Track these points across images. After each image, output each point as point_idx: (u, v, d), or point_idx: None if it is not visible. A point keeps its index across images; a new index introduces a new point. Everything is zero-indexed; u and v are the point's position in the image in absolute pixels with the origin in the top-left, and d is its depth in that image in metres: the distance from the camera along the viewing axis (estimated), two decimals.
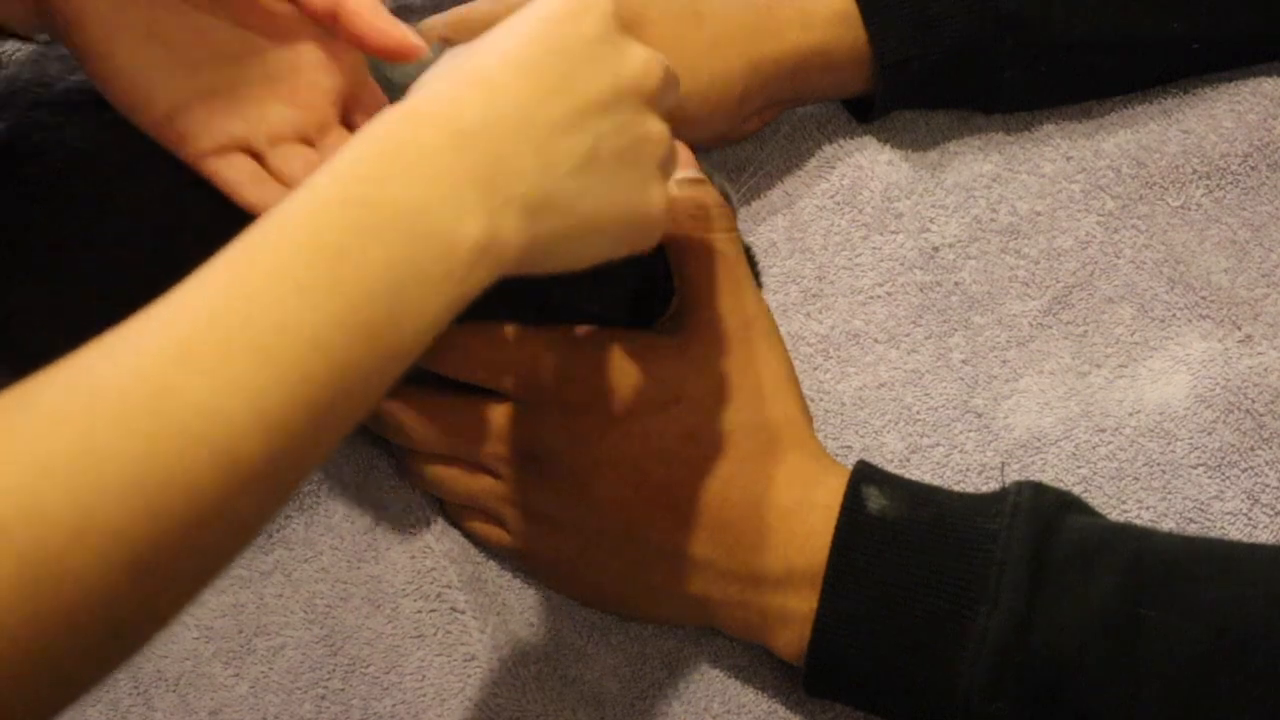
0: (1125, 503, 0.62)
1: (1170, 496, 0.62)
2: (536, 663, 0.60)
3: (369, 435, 0.63)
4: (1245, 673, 0.51)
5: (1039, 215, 0.69)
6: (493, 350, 0.60)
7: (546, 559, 0.60)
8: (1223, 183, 0.69)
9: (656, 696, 0.60)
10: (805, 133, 0.71)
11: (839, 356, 0.66)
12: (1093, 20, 0.68)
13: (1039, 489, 0.56)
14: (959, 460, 0.64)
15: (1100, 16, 0.68)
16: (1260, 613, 0.52)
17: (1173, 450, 0.63)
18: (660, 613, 0.60)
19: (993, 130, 0.71)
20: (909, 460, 0.64)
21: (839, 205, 0.69)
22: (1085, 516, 0.56)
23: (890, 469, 0.59)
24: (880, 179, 0.69)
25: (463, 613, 0.61)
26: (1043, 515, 0.55)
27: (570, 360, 0.59)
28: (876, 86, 0.69)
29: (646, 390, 0.59)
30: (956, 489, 0.59)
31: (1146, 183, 0.69)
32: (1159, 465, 0.63)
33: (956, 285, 0.67)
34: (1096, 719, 0.52)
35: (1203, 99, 0.71)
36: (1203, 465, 0.63)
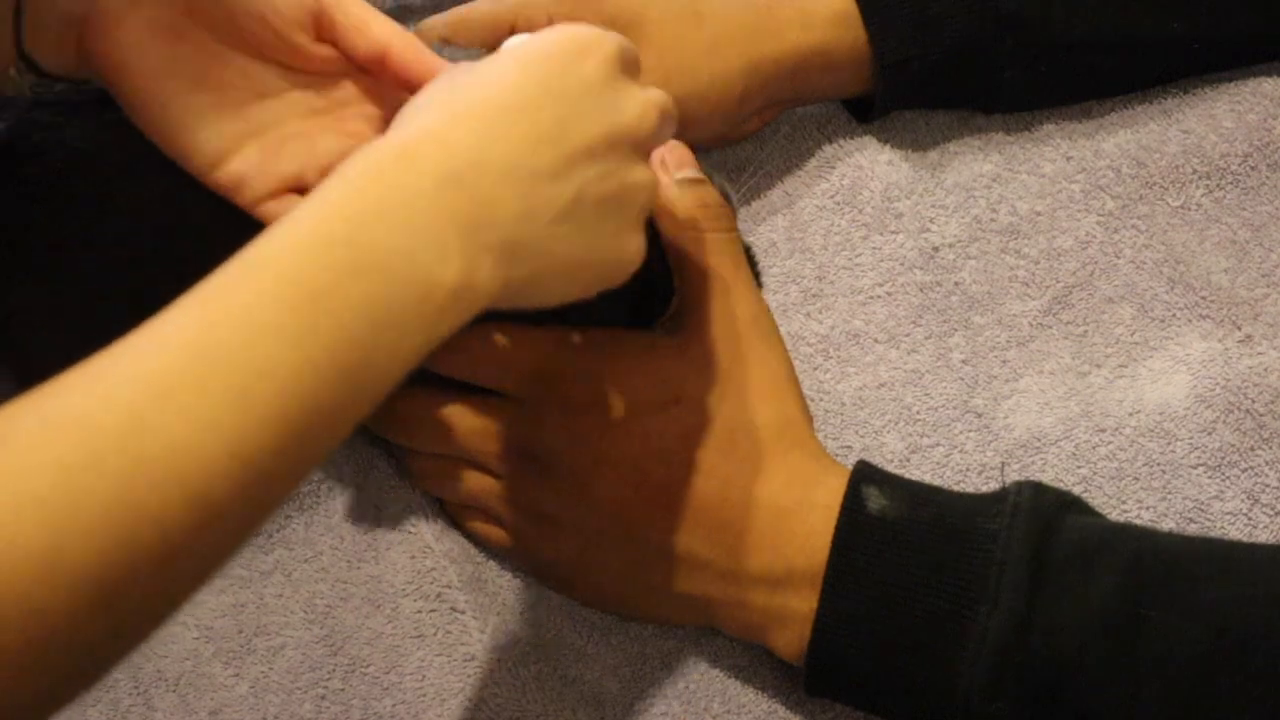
0: (1125, 503, 0.62)
1: (1170, 496, 0.62)
2: (536, 663, 0.60)
3: (369, 435, 0.63)
4: (1245, 673, 0.51)
5: (1039, 215, 0.69)
6: (493, 350, 0.60)
7: (546, 559, 0.60)
8: (1223, 183, 0.69)
9: (656, 696, 0.60)
10: (805, 133, 0.71)
11: (839, 356, 0.66)
12: (1093, 20, 0.68)
13: (1039, 489, 0.56)
14: (959, 460, 0.63)
15: (1100, 16, 0.68)
16: (1260, 613, 0.52)
17: (1173, 450, 0.63)
18: (660, 613, 0.60)
19: (993, 130, 0.71)
20: (909, 460, 0.64)
21: (839, 205, 0.69)
22: (1085, 516, 0.56)
23: (890, 469, 0.59)
24: (880, 179, 0.69)
25: (463, 613, 0.61)
26: (1043, 515, 0.55)
27: (570, 360, 0.59)
28: (876, 86, 0.69)
29: (646, 390, 0.59)
30: (956, 489, 0.59)
31: (1146, 183, 0.69)
32: (1159, 465, 0.63)
33: (956, 285, 0.67)
34: (1096, 719, 0.52)
35: (1203, 99, 0.71)
36: (1203, 465, 0.63)
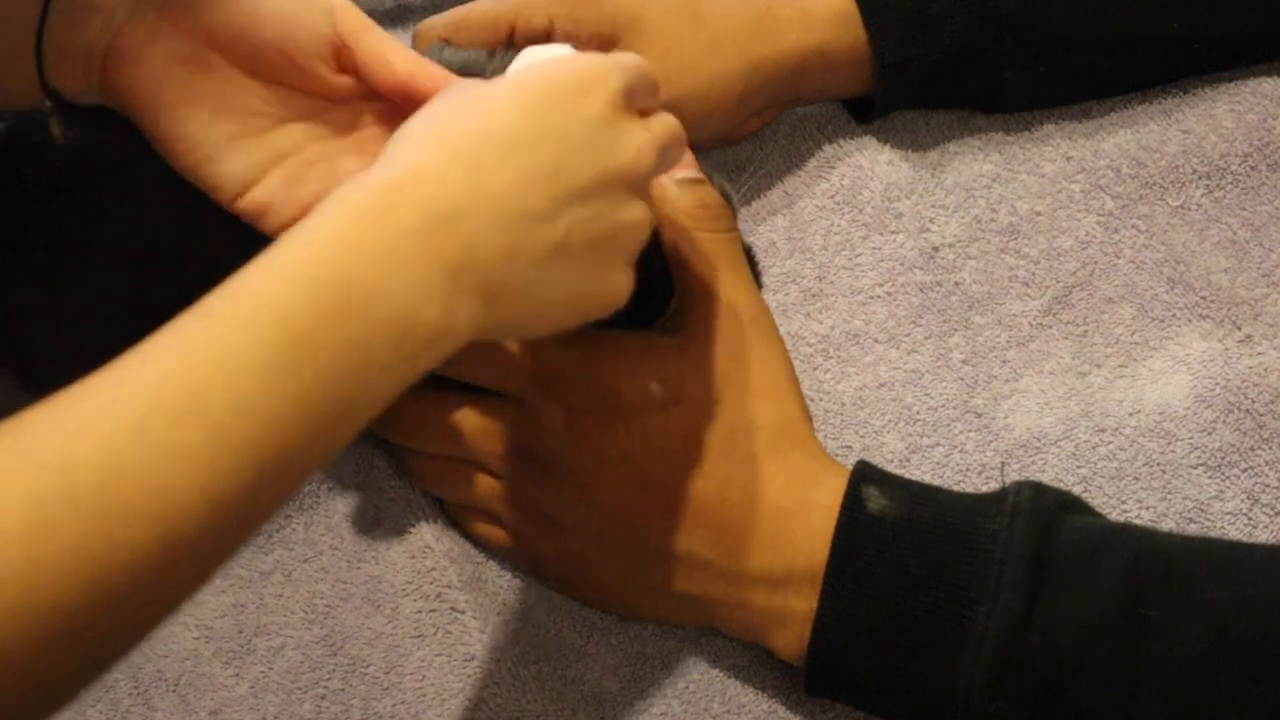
0: (1125, 503, 0.62)
1: (1170, 496, 0.62)
2: (536, 663, 0.60)
3: (369, 435, 0.63)
4: (1245, 673, 0.51)
5: (1039, 215, 0.69)
6: (493, 350, 0.60)
7: (546, 559, 0.60)
8: (1223, 183, 0.69)
9: (656, 696, 0.60)
10: (805, 133, 0.71)
11: (839, 356, 0.66)
12: (1092, 20, 0.68)
13: (1039, 489, 0.56)
14: (959, 460, 0.63)
15: (1100, 16, 0.68)
16: (1260, 613, 0.52)
17: (1173, 450, 0.63)
18: (660, 613, 0.60)
19: (993, 130, 0.71)
20: (909, 460, 0.64)
21: (839, 205, 0.69)
22: (1085, 516, 0.56)
23: (890, 469, 0.59)
24: (880, 179, 0.69)
25: (463, 613, 0.61)
26: (1043, 515, 0.55)
27: (570, 360, 0.59)
28: (876, 87, 0.69)
29: (646, 390, 0.59)
30: (956, 489, 0.59)
31: (1146, 183, 0.69)
32: (1159, 465, 0.63)
33: (956, 285, 0.67)
34: (1096, 719, 0.52)
35: (1203, 99, 0.71)
36: (1203, 465, 0.63)
